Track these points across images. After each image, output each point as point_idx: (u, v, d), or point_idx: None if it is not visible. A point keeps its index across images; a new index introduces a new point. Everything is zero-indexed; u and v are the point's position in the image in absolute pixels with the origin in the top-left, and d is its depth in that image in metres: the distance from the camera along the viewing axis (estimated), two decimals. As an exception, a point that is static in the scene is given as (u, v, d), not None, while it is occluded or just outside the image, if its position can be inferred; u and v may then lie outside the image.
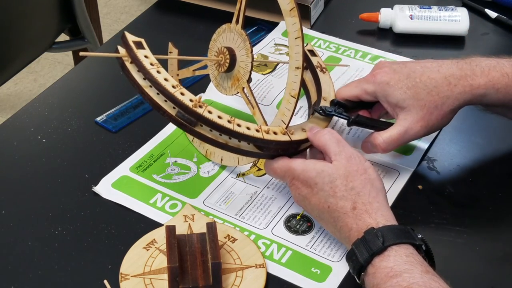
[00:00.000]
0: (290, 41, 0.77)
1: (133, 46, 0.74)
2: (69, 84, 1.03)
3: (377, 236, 0.67)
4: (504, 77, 0.79)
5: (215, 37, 0.84)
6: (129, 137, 0.91)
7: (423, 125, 0.79)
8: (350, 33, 1.12)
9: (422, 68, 0.80)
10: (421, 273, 0.64)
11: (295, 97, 0.77)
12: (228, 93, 0.83)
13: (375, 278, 0.66)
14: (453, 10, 1.10)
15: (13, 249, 0.76)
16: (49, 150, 0.89)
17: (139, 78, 0.74)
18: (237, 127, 0.73)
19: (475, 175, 0.86)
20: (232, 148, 0.75)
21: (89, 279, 0.73)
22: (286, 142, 0.76)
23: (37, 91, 2.24)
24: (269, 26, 1.13)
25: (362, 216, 0.70)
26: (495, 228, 0.80)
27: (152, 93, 0.73)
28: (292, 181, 0.75)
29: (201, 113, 0.72)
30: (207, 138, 0.74)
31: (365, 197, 0.71)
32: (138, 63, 0.73)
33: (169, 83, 0.72)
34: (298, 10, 0.75)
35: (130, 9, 2.73)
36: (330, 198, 0.72)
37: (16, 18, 1.34)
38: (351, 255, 0.69)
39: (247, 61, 0.79)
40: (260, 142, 0.74)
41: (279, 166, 0.76)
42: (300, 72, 0.76)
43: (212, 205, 0.81)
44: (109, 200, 0.82)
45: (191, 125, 0.73)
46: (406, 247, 0.67)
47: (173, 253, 0.68)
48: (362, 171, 0.72)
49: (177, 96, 0.72)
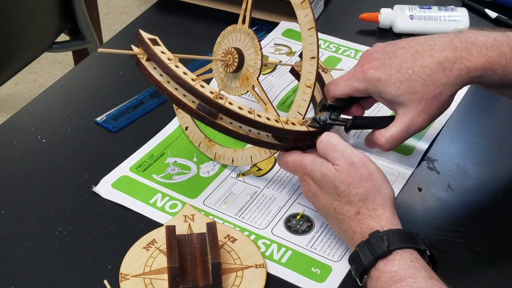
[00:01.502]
0: (303, 32, 0.77)
1: (149, 43, 0.74)
2: (69, 84, 1.03)
3: (382, 239, 0.66)
4: (501, 57, 0.74)
5: (219, 39, 0.84)
6: (129, 137, 0.91)
7: (425, 117, 0.75)
8: (350, 33, 1.12)
9: (413, 55, 0.75)
10: (425, 279, 0.63)
11: (311, 87, 0.77)
12: (237, 93, 0.83)
13: (379, 281, 0.65)
14: (453, 10, 1.10)
15: (13, 249, 0.76)
16: (49, 150, 0.89)
17: (157, 74, 0.74)
18: (258, 118, 0.73)
19: (475, 175, 0.86)
20: (252, 140, 0.75)
21: (89, 279, 0.73)
22: (304, 132, 0.76)
23: (37, 91, 2.24)
24: (269, 26, 1.13)
25: (365, 220, 0.69)
26: (495, 228, 0.80)
27: (171, 88, 0.74)
28: (303, 177, 0.75)
29: (222, 104, 0.72)
30: (228, 130, 0.74)
31: (370, 204, 0.70)
32: (156, 59, 0.73)
33: (189, 77, 0.73)
34: (309, 2, 0.76)
35: (130, 9, 2.73)
36: (335, 201, 0.71)
37: (16, 18, 1.34)
38: (354, 257, 0.68)
39: (257, 59, 0.79)
40: (280, 132, 0.74)
41: (291, 160, 0.76)
42: (315, 62, 0.76)
43: (212, 205, 0.81)
44: (109, 200, 0.82)
45: (212, 117, 0.73)
46: (411, 251, 0.66)
47: (173, 253, 0.68)
48: (367, 177, 0.70)
49: (198, 88, 0.72)
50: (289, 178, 0.85)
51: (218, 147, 0.86)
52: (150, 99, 0.97)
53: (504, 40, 0.75)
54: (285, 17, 1.14)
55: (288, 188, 0.83)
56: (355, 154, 0.72)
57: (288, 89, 0.99)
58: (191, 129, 0.89)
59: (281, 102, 0.96)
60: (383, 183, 0.71)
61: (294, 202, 0.82)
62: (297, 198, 0.82)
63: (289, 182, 0.84)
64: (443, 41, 0.75)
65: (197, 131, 0.88)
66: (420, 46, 0.75)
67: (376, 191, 0.70)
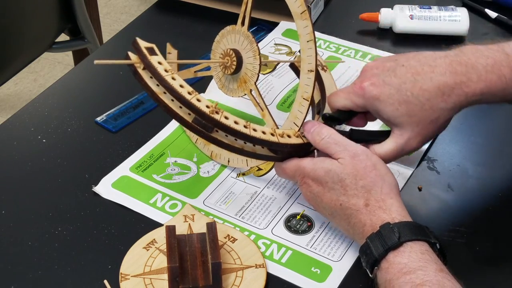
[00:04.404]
0: (301, 44, 0.76)
1: (146, 52, 0.72)
2: (69, 84, 1.03)
3: (393, 231, 0.66)
4: (501, 80, 0.74)
5: (218, 38, 0.83)
6: (129, 137, 0.91)
7: (420, 140, 0.76)
8: (350, 33, 1.12)
9: (412, 75, 0.74)
10: (435, 271, 0.63)
11: (308, 100, 0.77)
12: (235, 95, 0.83)
13: (388, 273, 0.65)
14: (453, 10, 1.10)
15: (13, 249, 0.76)
16: (49, 150, 0.89)
17: (153, 85, 0.72)
18: (253, 132, 0.73)
19: (475, 176, 0.86)
20: (248, 153, 0.75)
21: (89, 279, 0.73)
22: (299, 144, 0.76)
23: (37, 91, 2.24)
24: (269, 26, 1.13)
25: (376, 212, 0.69)
26: (495, 228, 0.80)
27: (166, 99, 0.72)
28: (303, 180, 0.75)
29: (218, 119, 0.71)
30: (223, 143, 0.74)
31: (377, 194, 0.70)
32: (152, 70, 0.71)
33: (185, 90, 0.71)
34: (309, 13, 0.75)
35: (130, 9, 2.73)
36: (341, 196, 0.71)
37: (16, 18, 1.34)
38: (365, 249, 0.68)
39: (255, 63, 0.79)
40: (276, 146, 0.74)
41: (289, 166, 0.76)
42: (313, 75, 0.76)
43: (212, 205, 0.81)
44: (109, 200, 0.82)
45: (208, 131, 0.73)
46: (422, 244, 0.66)
47: (173, 253, 0.68)
48: (371, 167, 0.71)
49: (194, 103, 0.70)
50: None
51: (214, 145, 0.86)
52: (150, 99, 0.97)
53: (504, 59, 0.75)
54: (285, 17, 1.14)
55: (288, 188, 0.84)
56: (357, 147, 0.73)
57: (288, 89, 0.99)
58: None
59: (281, 102, 0.97)
60: (387, 172, 0.72)
61: (294, 202, 0.82)
62: (297, 198, 0.82)
63: (289, 182, 0.84)
64: (443, 62, 0.75)
65: None
66: (421, 67, 0.75)
67: (382, 181, 0.71)
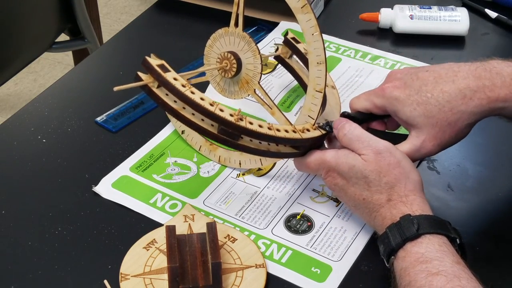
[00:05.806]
0: (307, 38, 0.76)
1: (159, 71, 0.70)
2: (69, 84, 1.03)
3: (413, 223, 0.67)
4: None
5: (210, 43, 0.82)
6: (129, 137, 0.91)
7: (436, 143, 0.75)
8: (350, 33, 1.12)
9: (435, 78, 0.74)
10: (452, 263, 0.63)
11: (321, 91, 0.77)
12: (237, 97, 0.83)
13: (405, 261, 0.66)
14: (453, 10, 1.10)
15: (13, 249, 0.76)
16: (49, 150, 0.89)
17: (171, 101, 0.71)
18: (278, 133, 0.73)
19: (475, 176, 0.86)
20: (273, 153, 0.75)
21: (89, 279, 0.73)
22: (319, 137, 0.77)
23: (37, 91, 2.24)
24: (269, 26, 1.13)
25: (397, 206, 0.70)
26: (495, 228, 0.80)
27: (188, 114, 0.71)
28: (328, 173, 0.75)
29: (245, 126, 0.71)
30: (249, 148, 0.74)
31: (401, 190, 0.70)
32: (170, 87, 0.69)
33: (207, 102, 0.70)
34: (310, 6, 0.75)
35: (130, 9, 2.73)
36: (365, 191, 0.72)
37: (16, 18, 1.34)
38: (383, 238, 0.69)
39: (256, 62, 0.79)
40: (299, 142, 0.75)
41: (312, 160, 0.76)
42: (323, 67, 0.76)
43: (212, 205, 0.81)
44: (109, 200, 0.82)
45: (234, 139, 0.73)
46: (440, 237, 0.66)
47: (173, 253, 0.68)
48: (395, 164, 0.71)
49: (218, 113, 0.70)
50: (289, 178, 0.85)
51: (222, 150, 0.85)
52: (150, 99, 0.96)
53: None
54: (285, 17, 1.14)
55: (288, 188, 0.84)
56: (380, 143, 0.73)
57: (288, 89, 0.99)
58: (188, 132, 0.88)
59: (281, 102, 0.97)
60: (411, 169, 0.72)
61: (294, 202, 0.82)
62: (297, 198, 0.82)
63: (289, 182, 0.84)
64: (468, 68, 0.74)
65: (195, 134, 0.87)
66: (444, 71, 0.75)
67: (406, 178, 0.71)
